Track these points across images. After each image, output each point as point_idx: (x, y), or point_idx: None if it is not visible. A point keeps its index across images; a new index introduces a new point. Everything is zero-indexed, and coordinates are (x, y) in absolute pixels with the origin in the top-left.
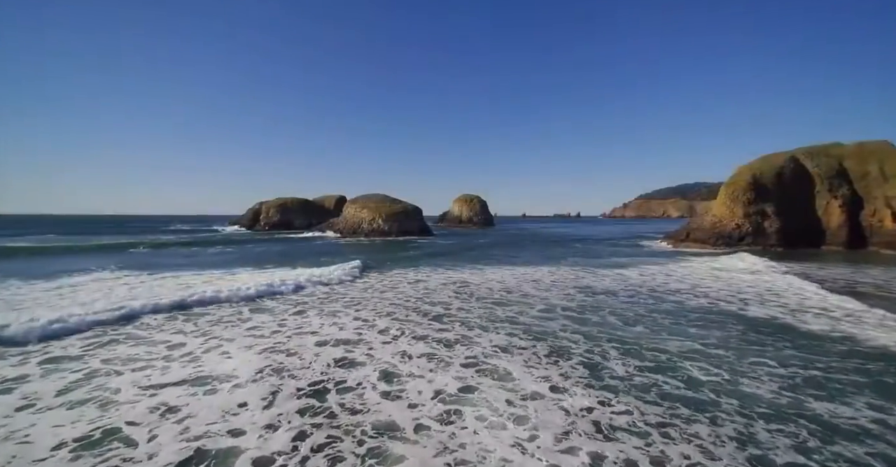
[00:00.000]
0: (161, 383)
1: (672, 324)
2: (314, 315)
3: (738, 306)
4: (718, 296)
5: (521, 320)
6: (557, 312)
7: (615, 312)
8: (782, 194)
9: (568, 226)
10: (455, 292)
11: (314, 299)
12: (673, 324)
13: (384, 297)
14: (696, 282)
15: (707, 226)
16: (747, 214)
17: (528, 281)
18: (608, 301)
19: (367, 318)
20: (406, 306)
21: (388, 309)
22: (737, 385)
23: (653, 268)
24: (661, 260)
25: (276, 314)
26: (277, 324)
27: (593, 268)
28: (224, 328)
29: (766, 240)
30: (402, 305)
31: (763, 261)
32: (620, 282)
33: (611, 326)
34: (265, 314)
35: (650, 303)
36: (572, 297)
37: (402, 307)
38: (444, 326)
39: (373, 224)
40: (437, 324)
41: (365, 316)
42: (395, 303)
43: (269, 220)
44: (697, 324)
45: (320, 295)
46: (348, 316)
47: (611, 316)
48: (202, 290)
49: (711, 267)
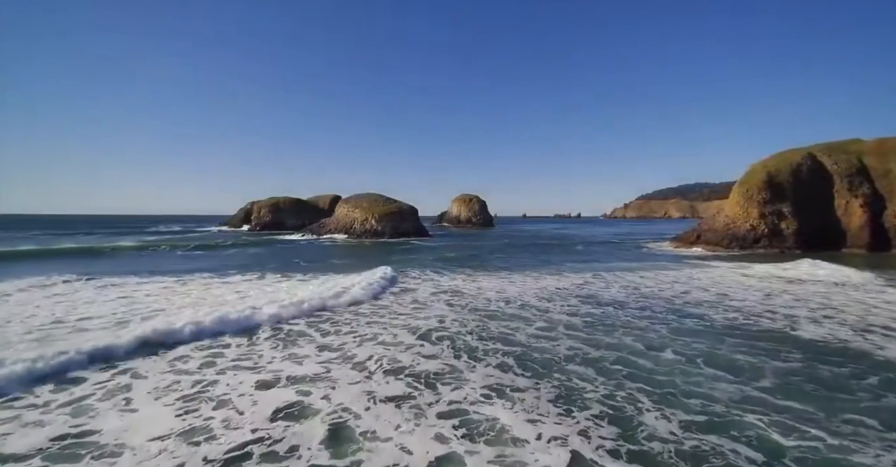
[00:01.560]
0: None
1: (708, 349)
2: (266, 341)
3: (786, 324)
4: (754, 309)
5: (520, 340)
6: (560, 331)
7: (631, 331)
8: (799, 193)
9: (569, 227)
10: (447, 304)
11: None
12: (710, 349)
13: (360, 311)
14: (723, 291)
15: (719, 228)
16: (763, 215)
17: (528, 289)
18: (619, 315)
19: (336, 345)
20: (385, 323)
21: (365, 327)
22: (845, 453)
23: (667, 275)
24: (674, 264)
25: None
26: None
27: (600, 274)
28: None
29: (783, 242)
30: (379, 322)
31: (814, 265)
32: (631, 290)
33: (630, 352)
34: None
35: (672, 318)
36: (576, 310)
37: (379, 324)
38: (428, 349)
39: (365, 224)
40: (420, 347)
41: (332, 340)
42: (372, 320)
43: (260, 221)
44: (742, 350)
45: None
46: (312, 342)
47: (627, 336)
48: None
49: (736, 272)
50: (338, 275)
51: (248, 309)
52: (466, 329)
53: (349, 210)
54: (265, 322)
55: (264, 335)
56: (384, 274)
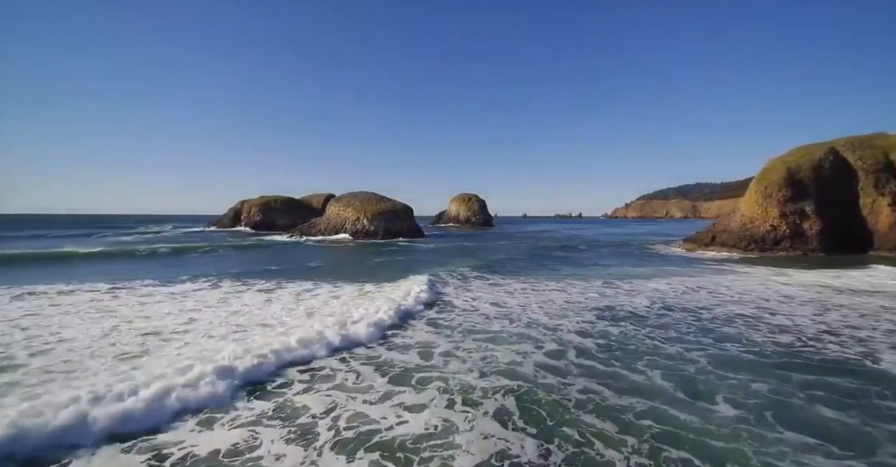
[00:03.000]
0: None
1: (774, 395)
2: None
3: (861, 351)
4: (807, 329)
5: (525, 373)
6: (571, 358)
7: (659, 361)
8: (822, 191)
9: (570, 228)
10: (433, 327)
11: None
12: (776, 395)
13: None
14: (761, 304)
15: (736, 228)
16: (783, 214)
17: (532, 302)
18: (641, 336)
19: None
20: (355, 355)
21: (324, 360)
22: None
23: (688, 282)
24: (693, 269)
25: None
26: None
27: (612, 281)
28: None
29: (806, 244)
30: (347, 349)
31: (868, 271)
32: (651, 301)
33: (664, 398)
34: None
35: (708, 342)
36: (590, 328)
37: (345, 350)
38: (411, 397)
39: (357, 224)
40: (401, 394)
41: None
42: (338, 347)
43: (250, 220)
44: (820, 395)
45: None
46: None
47: (654, 369)
48: None
49: (768, 279)
50: (306, 284)
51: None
52: (463, 363)
53: (340, 209)
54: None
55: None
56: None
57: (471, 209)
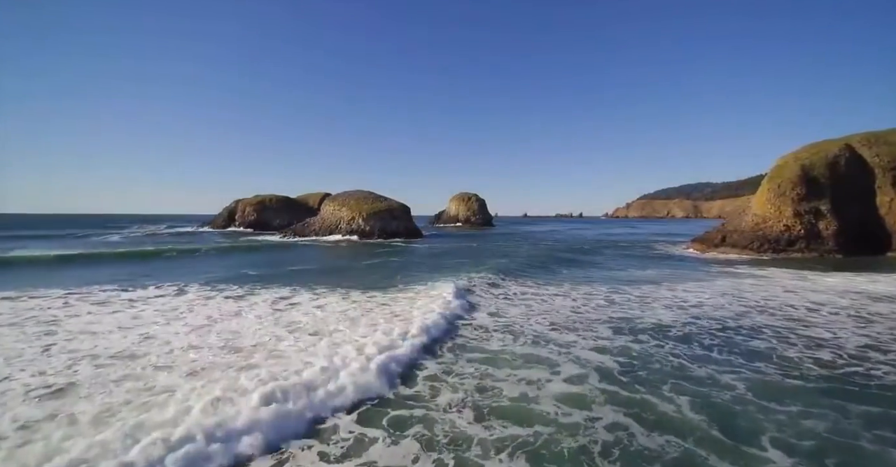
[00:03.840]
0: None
1: (832, 434)
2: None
3: None
4: (848, 343)
5: (541, 412)
6: (592, 385)
7: (688, 387)
8: (837, 189)
9: (572, 227)
10: (419, 343)
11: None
12: (835, 435)
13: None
14: (790, 313)
15: (747, 228)
16: (798, 213)
17: (537, 312)
18: (666, 354)
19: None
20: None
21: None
22: None
23: (704, 287)
24: (706, 273)
25: None
26: None
27: (623, 287)
28: None
29: (822, 244)
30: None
31: None
32: (669, 312)
33: (698, 436)
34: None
35: (741, 361)
36: (608, 344)
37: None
38: (379, 451)
39: (352, 224)
40: (371, 449)
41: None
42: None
43: (244, 220)
44: (887, 433)
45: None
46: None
47: (683, 395)
48: None
49: (792, 284)
50: (283, 290)
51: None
52: (455, 393)
53: (335, 208)
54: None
55: None
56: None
57: (470, 208)
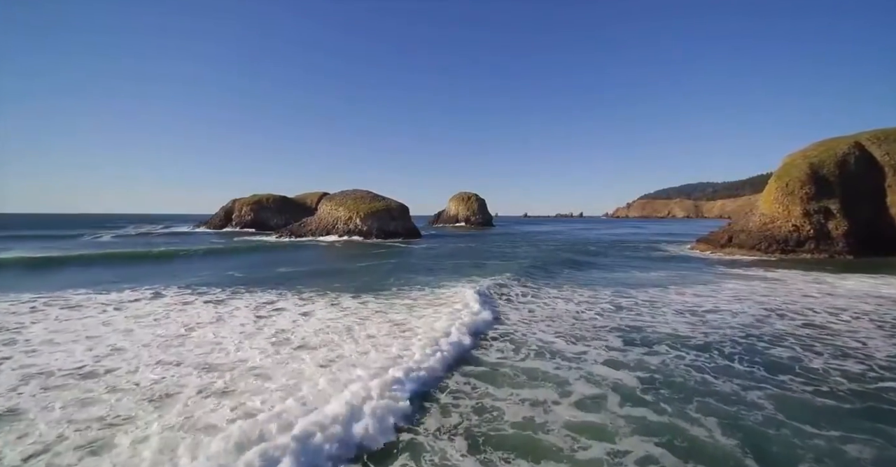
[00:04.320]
0: None
1: (881, 463)
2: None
3: None
4: (878, 353)
5: (552, 446)
6: (612, 408)
7: (716, 407)
8: (847, 189)
9: (572, 227)
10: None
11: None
12: (883, 463)
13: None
14: (811, 318)
15: (754, 228)
16: (807, 213)
17: (540, 319)
18: (686, 367)
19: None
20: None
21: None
22: None
23: (716, 290)
24: (715, 275)
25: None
26: None
27: (629, 291)
28: None
29: (832, 245)
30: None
31: None
32: (682, 317)
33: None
34: None
35: (765, 375)
36: (622, 357)
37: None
38: None
39: (349, 224)
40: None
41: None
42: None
43: (241, 220)
44: None
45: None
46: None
47: (710, 416)
48: None
49: (808, 287)
50: (269, 295)
51: None
52: (449, 421)
53: (332, 208)
54: None
55: None
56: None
57: (470, 208)
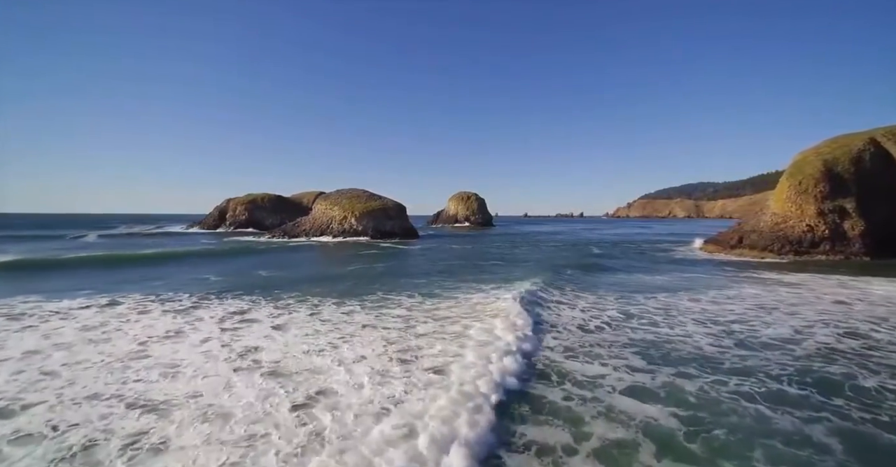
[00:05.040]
0: None
1: None
2: None
3: None
4: None
5: None
6: (645, 460)
7: (777, 447)
8: (863, 187)
9: (573, 228)
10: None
11: None
12: None
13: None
14: (853, 328)
15: (766, 229)
16: (821, 213)
17: (545, 330)
18: (729, 393)
19: None
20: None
21: None
22: None
23: (732, 295)
24: (732, 279)
25: None
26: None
27: (637, 296)
28: None
29: (848, 246)
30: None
31: None
32: (706, 329)
33: None
34: None
35: (818, 399)
36: (648, 381)
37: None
38: None
39: (343, 224)
40: None
41: None
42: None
43: (236, 219)
44: None
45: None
46: None
47: (779, 465)
48: None
49: (838, 292)
50: (243, 302)
51: None
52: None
53: (327, 207)
54: None
55: None
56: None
57: (470, 208)
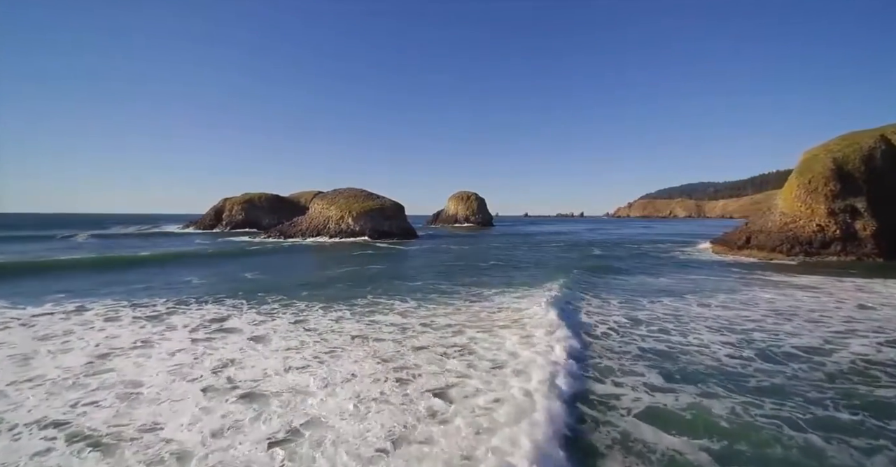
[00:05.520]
0: None
1: None
2: None
3: None
4: None
5: None
6: None
7: None
8: (874, 186)
9: (574, 228)
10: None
11: None
12: None
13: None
14: (889, 335)
15: (774, 229)
16: (832, 212)
17: (549, 339)
18: (773, 418)
19: None
20: None
21: None
22: None
23: (746, 300)
24: (741, 280)
25: None
26: None
27: (642, 300)
28: None
29: (860, 247)
30: None
31: None
32: (722, 337)
33: None
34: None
35: (873, 424)
36: (672, 405)
37: None
38: None
39: (340, 224)
40: None
41: None
42: None
43: (232, 219)
44: None
45: None
46: None
47: None
48: None
49: (854, 295)
50: (221, 308)
51: None
52: None
53: (324, 207)
54: None
55: None
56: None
57: (469, 208)
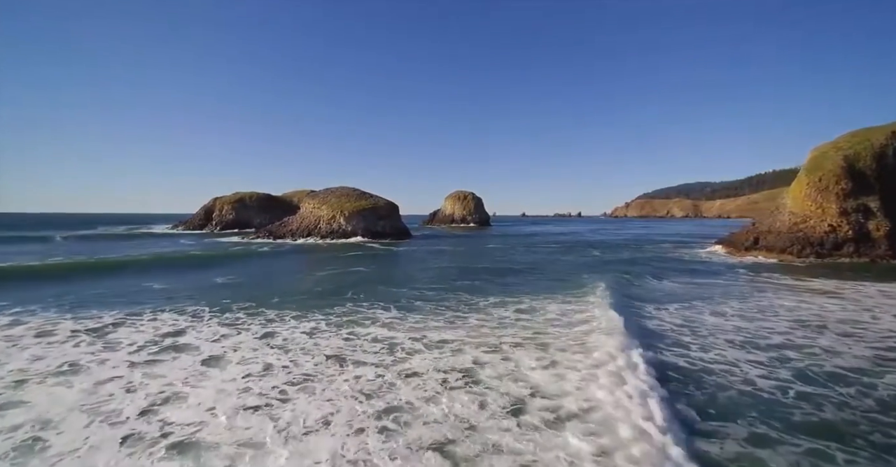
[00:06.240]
0: None
1: None
2: None
3: None
4: None
5: None
6: None
7: None
8: (887, 184)
9: (573, 228)
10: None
11: None
12: None
13: None
14: None
15: (783, 229)
16: (844, 212)
17: (553, 354)
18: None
19: None
20: None
21: None
22: None
23: (764, 307)
24: (755, 285)
25: None
26: None
27: (648, 307)
28: None
29: (874, 248)
30: None
31: None
32: (748, 355)
33: None
34: None
35: None
36: (704, 449)
37: None
38: None
39: (332, 224)
40: None
41: None
42: None
43: (222, 219)
44: None
45: None
46: None
47: None
48: None
49: (882, 304)
50: (179, 319)
51: None
52: None
53: (315, 207)
54: None
55: None
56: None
57: (466, 207)
